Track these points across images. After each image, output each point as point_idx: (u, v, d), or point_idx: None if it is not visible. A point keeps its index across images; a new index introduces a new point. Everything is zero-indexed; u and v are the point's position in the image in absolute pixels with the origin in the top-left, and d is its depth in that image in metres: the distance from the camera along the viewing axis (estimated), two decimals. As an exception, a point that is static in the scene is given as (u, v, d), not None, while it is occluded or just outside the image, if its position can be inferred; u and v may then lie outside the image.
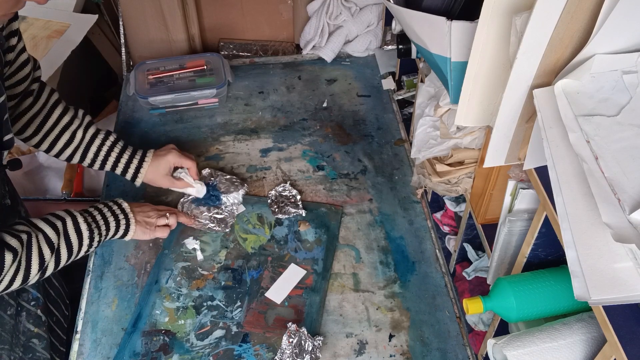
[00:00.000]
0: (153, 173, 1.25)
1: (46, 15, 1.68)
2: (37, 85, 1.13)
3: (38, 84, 1.14)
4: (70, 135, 1.17)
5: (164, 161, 1.25)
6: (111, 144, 1.22)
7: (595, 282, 0.55)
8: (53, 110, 1.15)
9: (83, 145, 1.19)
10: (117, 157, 1.22)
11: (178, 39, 1.73)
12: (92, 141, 1.20)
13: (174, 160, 1.26)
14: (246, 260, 1.24)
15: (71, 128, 1.17)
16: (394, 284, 1.20)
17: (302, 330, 1.05)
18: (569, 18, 0.62)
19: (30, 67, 1.08)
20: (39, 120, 1.13)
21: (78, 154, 1.20)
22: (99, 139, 1.20)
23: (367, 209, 1.34)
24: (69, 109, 1.18)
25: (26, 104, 1.11)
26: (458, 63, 0.84)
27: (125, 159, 1.23)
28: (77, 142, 1.18)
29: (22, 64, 1.05)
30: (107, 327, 1.14)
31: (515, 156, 0.79)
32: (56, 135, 1.16)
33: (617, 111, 0.62)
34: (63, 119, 1.16)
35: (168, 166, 1.25)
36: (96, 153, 1.20)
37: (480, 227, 1.02)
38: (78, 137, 1.18)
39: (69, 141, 1.17)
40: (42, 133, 1.15)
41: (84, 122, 1.20)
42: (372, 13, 1.71)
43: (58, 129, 1.16)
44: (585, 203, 0.59)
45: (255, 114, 1.60)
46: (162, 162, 1.25)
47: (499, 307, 0.83)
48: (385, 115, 1.59)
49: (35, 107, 1.13)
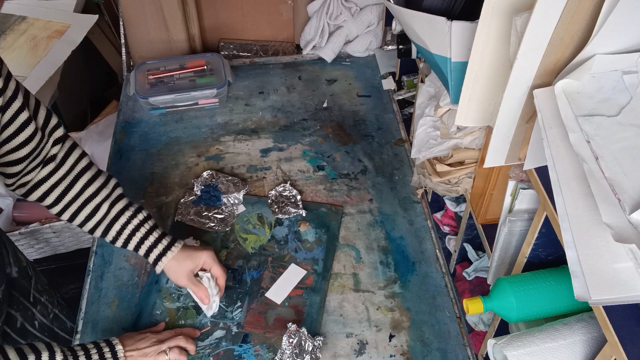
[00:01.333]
0: (176, 266, 1.09)
1: (46, 15, 1.68)
2: (58, 148, 1.00)
3: (61, 147, 1.00)
4: (94, 208, 1.04)
5: (195, 257, 1.10)
6: (138, 223, 1.07)
7: (595, 282, 0.55)
8: (77, 180, 1.02)
9: (107, 221, 1.06)
10: (141, 238, 1.08)
11: (178, 39, 1.73)
12: (117, 218, 1.06)
13: (208, 262, 1.11)
14: (246, 260, 1.24)
15: (95, 200, 1.04)
16: (394, 284, 1.20)
17: (302, 330, 1.05)
18: (569, 18, 0.62)
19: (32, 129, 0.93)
20: (60, 190, 1.01)
21: (100, 229, 1.06)
22: (125, 217, 1.06)
23: (367, 209, 1.34)
24: (97, 178, 1.05)
25: (46, 171, 0.99)
26: (458, 63, 0.84)
27: (150, 242, 1.08)
28: (100, 217, 1.05)
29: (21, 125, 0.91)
30: (107, 327, 1.14)
31: (515, 156, 0.79)
32: (78, 206, 1.03)
33: (618, 111, 0.62)
34: (87, 190, 1.03)
35: (196, 263, 1.10)
36: (119, 231, 1.07)
37: (481, 227, 1.02)
38: (102, 212, 1.05)
39: (91, 214, 1.04)
40: (64, 203, 1.02)
41: (113, 195, 1.06)
42: (373, 13, 1.71)
43: (81, 200, 1.03)
44: (586, 203, 0.59)
45: (256, 114, 1.60)
46: (193, 256, 1.10)
47: (499, 307, 0.83)
48: (386, 115, 1.59)
49: (56, 174, 1.00)
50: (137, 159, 1.47)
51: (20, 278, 1.10)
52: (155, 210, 1.34)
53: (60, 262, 1.73)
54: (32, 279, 1.15)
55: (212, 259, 1.11)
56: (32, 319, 1.11)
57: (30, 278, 1.15)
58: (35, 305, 1.14)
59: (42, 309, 1.15)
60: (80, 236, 1.71)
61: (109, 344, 0.99)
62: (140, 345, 1.02)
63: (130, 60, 1.78)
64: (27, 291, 1.11)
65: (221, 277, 1.11)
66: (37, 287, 1.16)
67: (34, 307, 1.13)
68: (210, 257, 1.11)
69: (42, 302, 1.16)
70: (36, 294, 1.14)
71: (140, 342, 1.03)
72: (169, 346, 1.04)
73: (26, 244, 1.65)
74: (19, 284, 1.10)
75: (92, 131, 1.83)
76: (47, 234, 1.65)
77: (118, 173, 1.43)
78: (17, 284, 1.09)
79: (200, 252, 1.10)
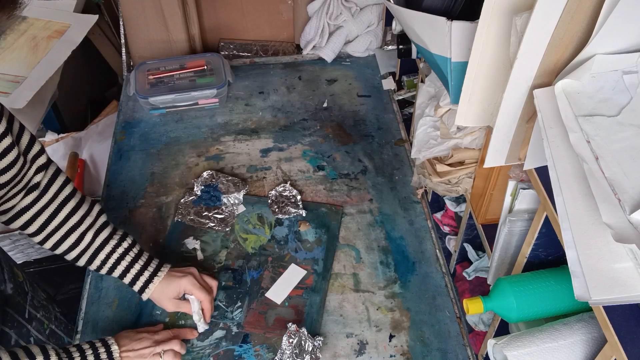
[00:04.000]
0: (159, 292, 1.10)
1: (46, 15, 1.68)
2: (41, 176, 0.97)
3: (44, 175, 0.98)
4: (78, 237, 1.03)
5: (175, 284, 1.10)
6: (123, 251, 1.07)
7: (595, 282, 0.55)
8: (61, 209, 1.00)
9: (91, 250, 1.05)
10: (127, 266, 1.08)
11: (178, 39, 1.73)
12: (101, 247, 1.05)
13: (187, 288, 1.10)
14: (246, 260, 1.24)
15: (79, 229, 1.03)
16: (394, 284, 1.20)
17: (302, 330, 1.05)
18: (569, 18, 0.62)
19: (15, 154, 0.89)
20: (43, 219, 0.99)
21: (85, 258, 1.05)
22: (110, 245, 1.06)
23: (368, 209, 1.34)
24: (80, 206, 1.03)
25: (29, 200, 0.97)
26: (458, 63, 0.84)
27: (136, 270, 1.08)
28: (84, 246, 1.04)
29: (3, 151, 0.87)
30: (107, 328, 1.14)
31: (515, 156, 0.79)
32: (62, 235, 1.01)
33: (618, 111, 0.62)
34: (71, 220, 1.01)
35: (177, 291, 1.10)
36: (104, 260, 1.06)
37: (481, 227, 1.02)
38: (86, 241, 1.03)
39: (75, 243, 1.03)
40: (47, 232, 1.01)
41: (97, 223, 1.05)
42: (373, 13, 1.71)
43: (65, 230, 1.01)
44: (586, 203, 0.59)
45: (256, 114, 1.60)
46: (172, 284, 1.10)
47: (499, 307, 0.83)
48: (386, 115, 1.59)
49: (39, 203, 0.98)
50: (137, 159, 1.47)
51: (16, 295, 1.09)
52: (155, 210, 1.34)
53: (60, 262, 1.73)
54: (28, 295, 1.14)
55: (191, 285, 1.10)
56: (27, 336, 1.10)
57: (27, 294, 1.14)
58: (30, 322, 1.12)
59: (37, 325, 1.14)
60: (80, 236, 1.70)
61: (104, 344, 0.99)
62: (137, 346, 1.02)
63: (130, 60, 1.78)
64: (22, 308, 1.10)
65: (205, 300, 1.11)
66: (34, 303, 1.15)
67: (29, 323, 1.12)
68: (190, 282, 1.10)
69: (38, 319, 1.14)
70: (32, 310, 1.13)
71: (137, 342, 1.03)
72: (163, 349, 1.04)
73: (26, 244, 1.65)
74: (14, 300, 1.09)
75: (92, 131, 1.84)
76: (47, 234, 1.65)
77: (118, 173, 1.43)
78: (11, 301, 1.08)
79: (180, 279, 1.10)
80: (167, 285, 1.10)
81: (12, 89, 1.43)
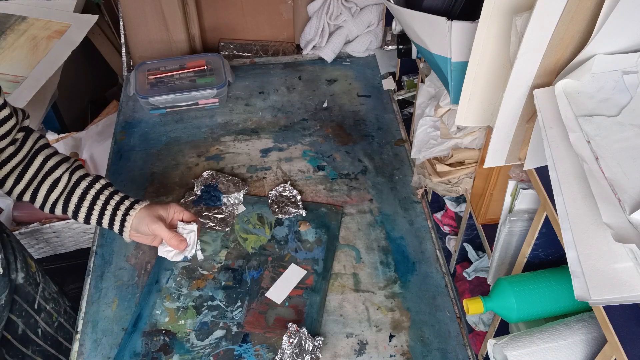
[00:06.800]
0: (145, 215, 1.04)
1: (46, 15, 1.68)
2: (22, 134, 1.00)
3: (24, 133, 1.01)
4: (54, 181, 1.02)
5: (165, 205, 1.07)
6: (101, 187, 1.05)
7: (595, 282, 0.55)
8: (36, 156, 1.01)
9: (67, 190, 1.03)
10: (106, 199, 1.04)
11: (178, 39, 1.73)
12: (77, 184, 1.03)
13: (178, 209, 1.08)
14: (246, 260, 1.24)
15: (55, 173, 1.02)
16: (394, 284, 1.20)
17: (302, 330, 1.05)
18: (569, 18, 0.62)
19: (13, 122, 0.95)
20: (19, 169, 1.00)
21: (61, 200, 1.03)
22: (85, 182, 1.04)
23: (368, 209, 1.34)
24: (55, 154, 1.04)
25: (7, 154, 0.98)
26: (458, 63, 0.84)
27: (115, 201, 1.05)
28: (61, 187, 1.02)
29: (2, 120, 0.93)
30: (107, 327, 1.14)
31: (515, 156, 0.79)
32: (38, 182, 1.01)
33: (618, 111, 0.62)
34: (47, 164, 1.02)
35: (166, 210, 1.07)
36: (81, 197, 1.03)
37: (481, 227, 1.02)
38: (63, 182, 1.02)
39: (52, 186, 1.02)
40: (24, 183, 1.00)
41: (72, 166, 1.04)
42: (373, 13, 1.71)
43: (40, 176, 1.01)
44: (586, 203, 0.59)
45: (256, 114, 1.60)
46: (162, 205, 1.07)
47: (500, 307, 0.83)
48: (386, 115, 1.59)
49: (17, 156, 0.99)
50: (137, 159, 1.47)
51: (26, 284, 1.10)
52: (155, 210, 1.34)
53: (60, 262, 1.73)
54: (39, 286, 1.15)
55: (181, 207, 1.08)
56: (35, 327, 1.11)
57: (38, 285, 1.14)
58: (39, 313, 1.13)
59: (46, 317, 1.14)
60: (80, 236, 1.71)
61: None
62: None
63: (130, 61, 1.78)
64: (31, 298, 1.11)
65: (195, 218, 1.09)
66: (44, 295, 1.15)
67: (37, 314, 1.13)
68: (178, 206, 1.08)
69: (47, 310, 1.15)
70: (42, 302, 1.14)
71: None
72: None
73: (26, 244, 1.65)
74: (24, 290, 1.09)
75: (92, 131, 1.83)
76: (47, 234, 1.65)
77: (118, 173, 1.44)
78: (21, 290, 1.08)
79: (167, 205, 1.08)
80: (154, 205, 1.06)
81: (12, 89, 1.43)
